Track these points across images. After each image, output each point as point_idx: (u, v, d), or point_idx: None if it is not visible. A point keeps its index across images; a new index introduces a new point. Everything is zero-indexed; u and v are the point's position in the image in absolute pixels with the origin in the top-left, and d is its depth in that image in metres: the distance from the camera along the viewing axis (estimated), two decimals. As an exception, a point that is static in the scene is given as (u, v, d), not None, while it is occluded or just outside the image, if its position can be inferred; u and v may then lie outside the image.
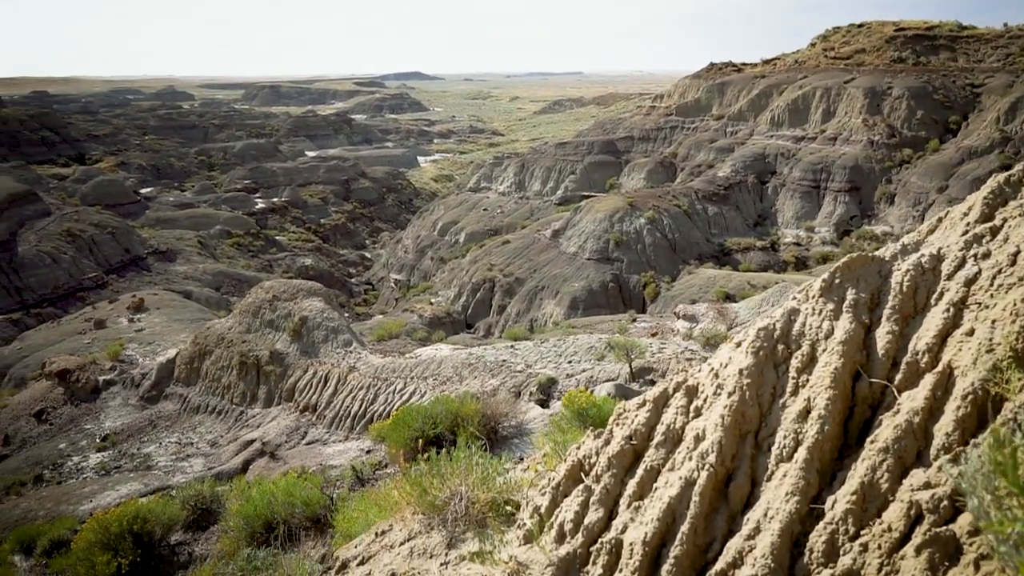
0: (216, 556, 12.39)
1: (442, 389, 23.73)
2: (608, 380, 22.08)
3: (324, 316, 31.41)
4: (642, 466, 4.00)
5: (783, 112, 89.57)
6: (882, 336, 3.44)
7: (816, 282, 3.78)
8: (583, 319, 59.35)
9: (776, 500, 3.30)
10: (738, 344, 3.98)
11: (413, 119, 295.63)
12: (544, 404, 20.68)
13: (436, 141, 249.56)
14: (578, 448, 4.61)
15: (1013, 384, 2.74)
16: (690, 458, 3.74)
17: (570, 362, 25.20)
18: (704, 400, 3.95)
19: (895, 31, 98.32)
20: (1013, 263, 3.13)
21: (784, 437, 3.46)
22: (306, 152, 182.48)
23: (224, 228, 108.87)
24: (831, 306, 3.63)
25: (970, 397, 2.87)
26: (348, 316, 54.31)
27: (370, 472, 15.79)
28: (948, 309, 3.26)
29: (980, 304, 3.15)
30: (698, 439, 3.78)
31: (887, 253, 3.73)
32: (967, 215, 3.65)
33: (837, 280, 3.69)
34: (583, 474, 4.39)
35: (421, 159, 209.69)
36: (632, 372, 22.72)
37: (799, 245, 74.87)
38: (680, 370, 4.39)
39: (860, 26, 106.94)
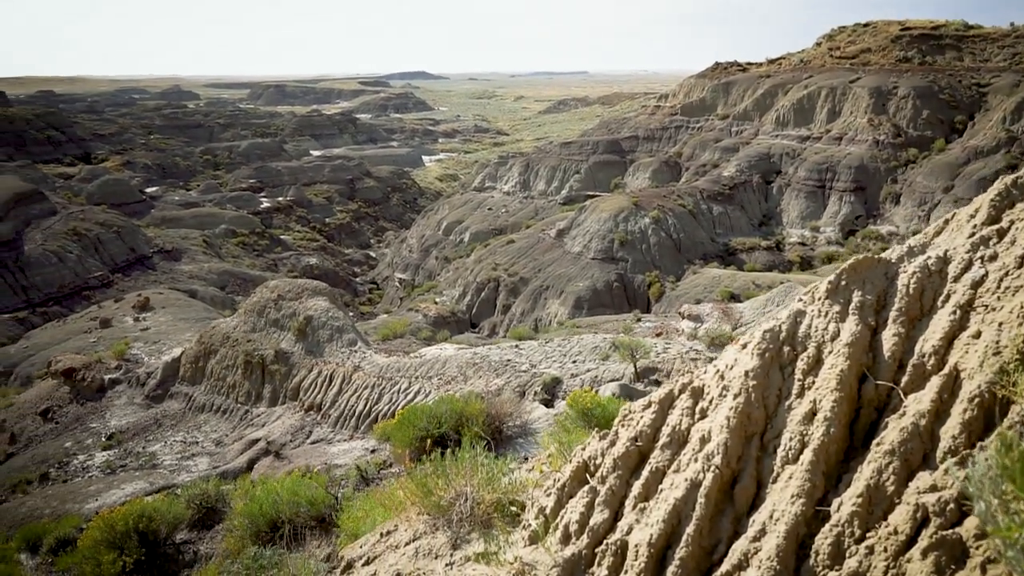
0: (221, 555, 12.42)
1: (447, 389, 23.74)
2: (613, 380, 22.07)
3: (329, 315, 31.44)
4: (647, 467, 4.00)
5: (788, 112, 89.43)
6: (888, 338, 3.43)
7: (822, 284, 3.77)
8: (587, 319, 59.34)
9: (782, 502, 3.29)
10: (744, 346, 3.98)
11: (418, 118, 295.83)
12: (549, 404, 20.68)
13: (441, 140, 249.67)
14: (583, 449, 4.61)
15: (1020, 387, 2.73)
16: (695, 460, 3.74)
17: (575, 362, 25.19)
18: (710, 402, 3.94)
19: (901, 31, 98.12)
20: (1020, 265, 3.12)
21: (790, 439, 3.46)
22: (311, 151, 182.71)
23: (229, 227, 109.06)
24: (837, 308, 3.63)
25: (977, 400, 2.86)
26: (353, 315, 54.36)
27: (375, 471, 15.81)
28: (955, 311, 3.25)
29: (987, 306, 3.14)
30: (704, 441, 3.78)
31: (893, 255, 3.73)
32: (974, 217, 3.64)
33: (843, 282, 3.68)
34: (588, 475, 4.39)
35: (426, 158, 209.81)
36: (637, 372, 22.71)
37: (804, 245, 74.74)
38: (685, 371, 4.38)
39: (866, 26, 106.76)
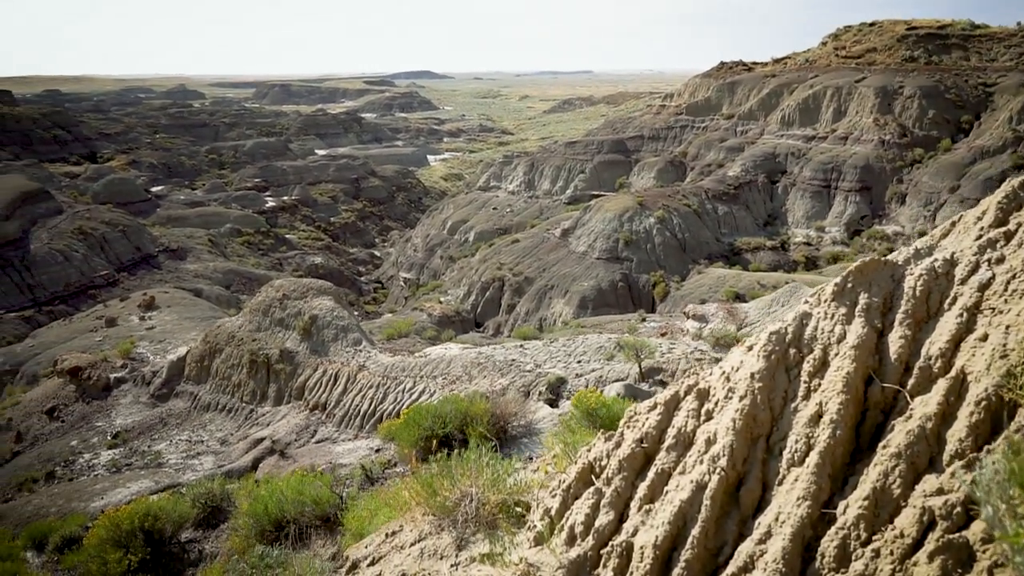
0: (226, 554, 12.45)
1: (451, 388, 23.75)
2: (617, 380, 22.05)
3: (334, 315, 31.47)
4: (653, 469, 4.00)
5: (794, 111, 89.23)
6: (895, 341, 3.43)
7: (828, 286, 3.77)
8: (592, 318, 59.30)
9: (787, 504, 3.29)
10: (750, 348, 3.98)
11: (423, 118, 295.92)
12: (553, 404, 20.67)
13: (446, 140, 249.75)
14: (589, 450, 4.61)
15: (1027, 391, 2.73)
16: (701, 461, 3.74)
17: (579, 362, 25.17)
18: (715, 403, 3.94)
19: (907, 30, 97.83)
20: (1027, 268, 3.12)
21: (796, 441, 3.45)
22: (316, 151, 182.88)
23: (234, 226, 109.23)
24: (843, 310, 3.63)
25: (984, 403, 2.86)
26: (358, 314, 54.41)
27: (379, 471, 15.81)
28: (961, 314, 3.24)
29: (994, 309, 3.13)
30: (709, 442, 3.78)
31: (900, 257, 3.72)
32: (981, 219, 3.64)
33: (849, 284, 3.68)
34: (594, 476, 4.40)
35: (431, 158, 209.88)
36: (642, 372, 22.68)
37: (809, 245, 74.58)
38: (691, 372, 4.39)
39: (871, 25, 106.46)
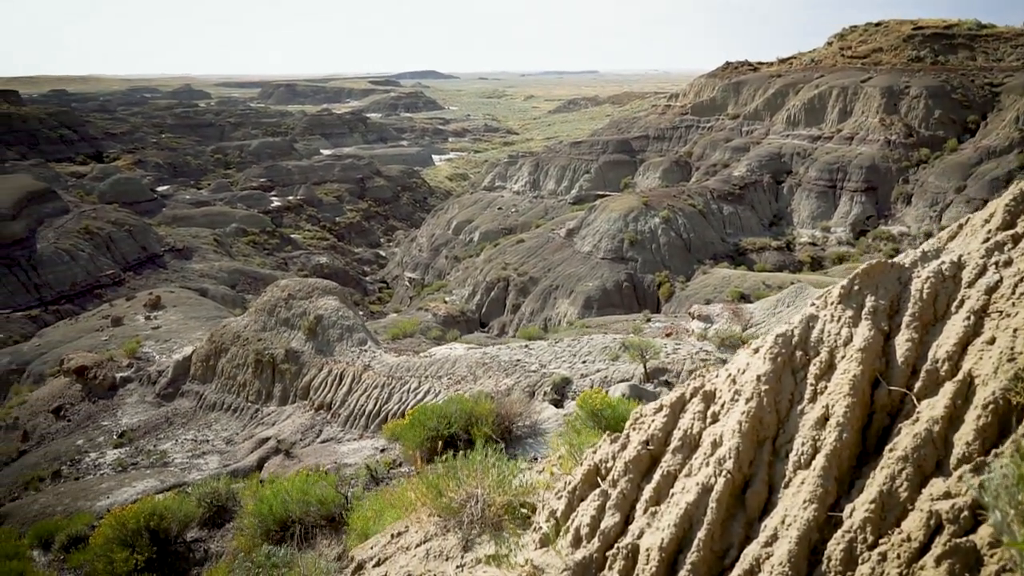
0: (231, 553, 12.48)
1: (456, 388, 23.77)
2: (622, 380, 22.04)
3: (339, 315, 31.51)
4: (659, 471, 4.00)
5: (799, 111, 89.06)
6: (901, 343, 3.42)
7: (835, 289, 3.76)
8: (597, 319, 59.27)
9: (794, 507, 3.29)
10: (756, 350, 3.98)
11: (428, 118, 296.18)
12: (558, 404, 20.67)
13: (451, 140, 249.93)
14: (594, 452, 4.61)
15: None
16: (707, 464, 3.74)
17: (584, 362, 25.18)
18: (721, 406, 3.94)
19: (913, 30, 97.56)
20: (1035, 271, 3.11)
21: (802, 444, 3.45)
22: (321, 150, 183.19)
23: (240, 226, 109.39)
24: (850, 313, 3.62)
25: (991, 407, 2.85)
26: (363, 314, 54.47)
27: (384, 471, 15.83)
28: (968, 317, 3.24)
29: (1001, 312, 3.13)
30: (715, 445, 3.78)
31: (907, 260, 3.71)
32: (988, 222, 3.63)
33: (856, 287, 3.67)
34: (599, 478, 4.39)
35: (436, 158, 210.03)
36: (647, 373, 22.68)
37: (815, 245, 74.43)
38: (697, 374, 4.39)
39: (877, 25, 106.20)
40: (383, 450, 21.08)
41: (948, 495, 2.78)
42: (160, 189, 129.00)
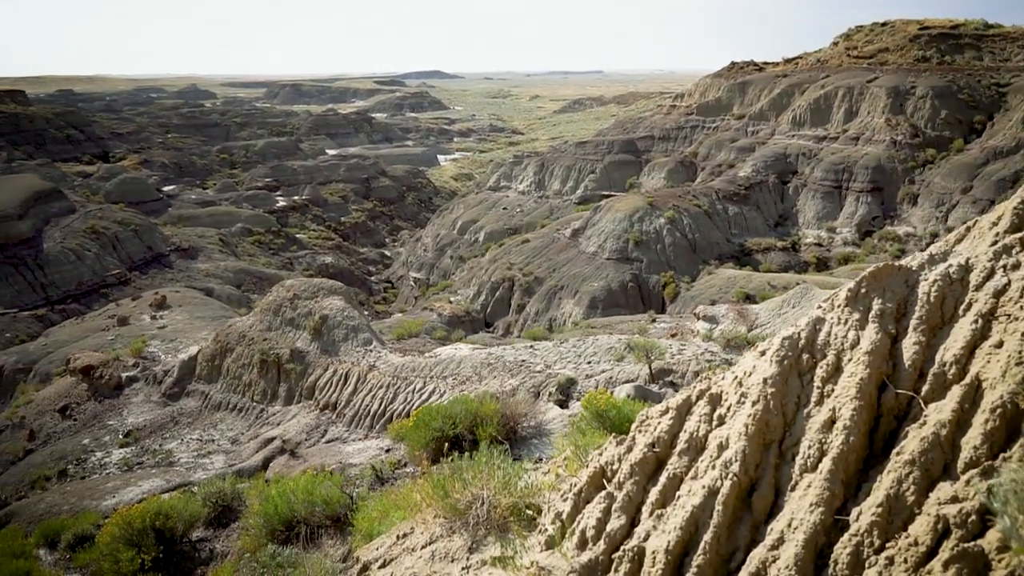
0: (237, 553, 12.51)
1: (461, 389, 23.78)
2: (627, 381, 22.03)
3: (344, 315, 31.55)
4: (665, 474, 3.99)
5: (805, 112, 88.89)
6: (908, 347, 3.41)
7: (842, 291, 3.75)
8: (602, 319, 59.24)
9: (800, 510, 3.28)
10: (762, 353, 3.97)
11: (433, 118, 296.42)
12: (563, 404, 20.67)
13: (456, 140, 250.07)
14: (600, 454, 4.61)
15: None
16: (713, 466, 3.73)
17: (589, 363, 25.17)
18: (727, 408, 3.93)
19: (919, 30, 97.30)
20: (1043, 275, 3.10)
21: (809, 447, 3.45)
22: (327, 150, 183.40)
23: (245, 226, 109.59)
24: (857, 316, 3.61)
25: (999, 411, 2.84)
26: (368, 314, 54.51)
27: (389, 471, 15.85)
28: (976, 320, 3.23)
29: (1009, 316, 3.12)
30: (721, 448, 3.77)
31: (914, 263, 3.70)
32: (996, 225, 3.61)
33: (863, 290, 3.66)
34: (605, 480, 4.39)
35: (441, 158, 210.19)
36: (652, 373, 22.66)
37: (820, 246, 74.28)
38: (703, 376, 4.39)
39: (883, 25, 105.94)
40: (388, 450, 21.10)
41: (956, 499, 2.78)
42: (166, 189, 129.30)
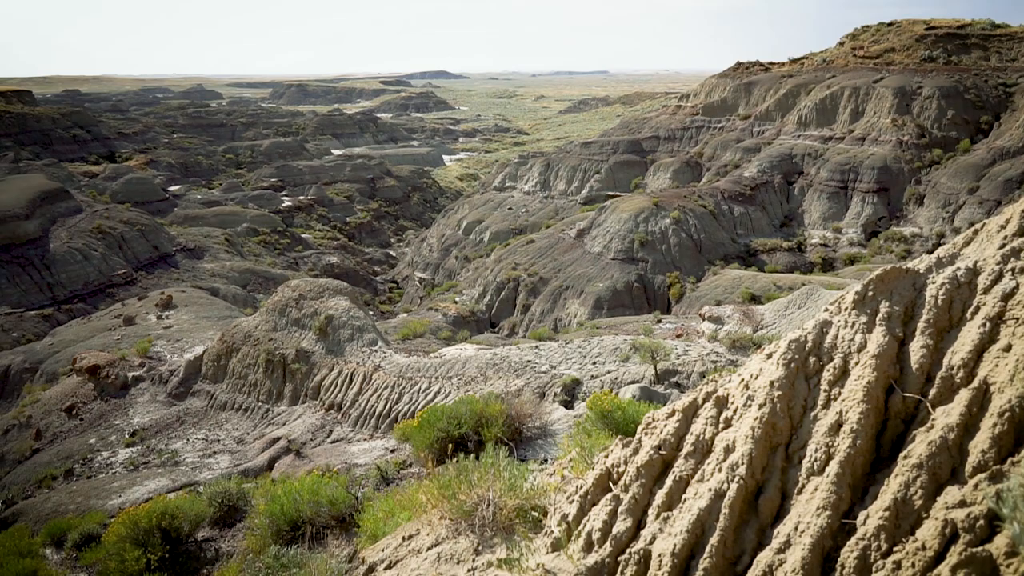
0: (242, 553, 12.53)
1: (467, 389, 23.78)
2: (633, 382, 22.00)
3: (350, 315, 31.58)
4: (671, 476, 3.99)
5: (811, 112, 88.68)
6: (916, 350, 3.40)
7: (849, 294, 3.74)
8: (607, 319, 59.20)
9: (807, 514, 3.28)
10: (769, 355, 3.96)
11: (438, 118, 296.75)
12: (568, 405, 20.66)
13: (461, 140, 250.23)
14: (606, 456, 4.60)
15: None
16: (720, 469, 3.73)
17: (595, 363, 25.15)
18: (734, 411, 3.93)
19: (926, 30, 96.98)
20: (1052, 278, 3.09)
21: (816, 450, 3.44)
22: (332, 150, 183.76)
23: (251, 226, 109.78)
24: (864, 319, 3.60)
25: (1007, 415, 2.83)
26: (373, 314, 54.54)
27: (395, 472, 15.86)
28: (984, 324, 3.22)
29: (1018, 319, 3.11)
30: (728, 450, 3.77)
31: (922, 266, 3.69)
32: (1004, 228, 3.60)
33: (870, 293, 3.65)
34: (611, 483, 4.39)
35: (446, 158, 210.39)
36: (657, 374, 22.63)
37: (826, 246, 74.10)
38: (710, 380, 4.36)
39: (890, 25, 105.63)
40: (393, 450, 21.12)
41: (963, 503, 2.77)
42: (172, 189, 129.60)
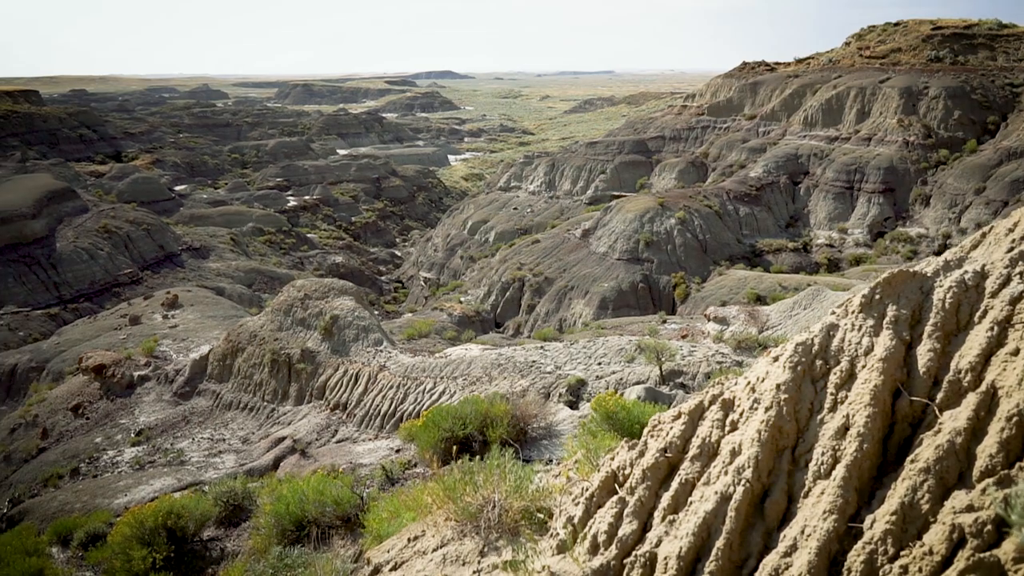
0: (248, 553, 12.55)
1: (472, 389, 23.79)
2: (638, 383, 21.98)
3: (355, 315, 31.61)
4: (677, 479, 3.98)
5: (816, 112, 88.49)
6: (923, 353, 3.39)
7: (856, 297, 3.73)
8: (612, 320, 59.16)
9: (813, 518, 3.27)
10: (775, 358, 3.95)
11: (444, 118, 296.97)
12: (573, 406, 20.66)
13: (466, 140, 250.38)
14: (612, 459, 4.60)
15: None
16: (726, 472, 3.72)
17: (600, 364, 25.13)
18: (740, 414, 3.92)
19: (932, 30, 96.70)
20: (1060, 282, 3.08)
21: (822, 454, 3.43)
22: (337, 150, 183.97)
23: (256, 225, 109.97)
24: (871, 322, 3.59)
25: (1015, 419, 2.82)
26: (378, 314, 54.60)
27: (400, 472, 15.87)
28: (992, 327, 3.21)
29: (1025, 323, 3.10)
30: (734, 453, 3.76)
31: (929, 269, 3.68)
32: (1012, 231, 3.59)
33: (877, 296, 3.64)
34: (617, 485, 4.39)
35: (451, 158, 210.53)
36: (662, 375, 22.61)
37: (832, 247, 73.93)
38: (716, 382, 4.35)
39: (896, 25, 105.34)
40: (398, 450, 21.13)
41: (971, 508, 2.76)
42: (178, 188, 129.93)
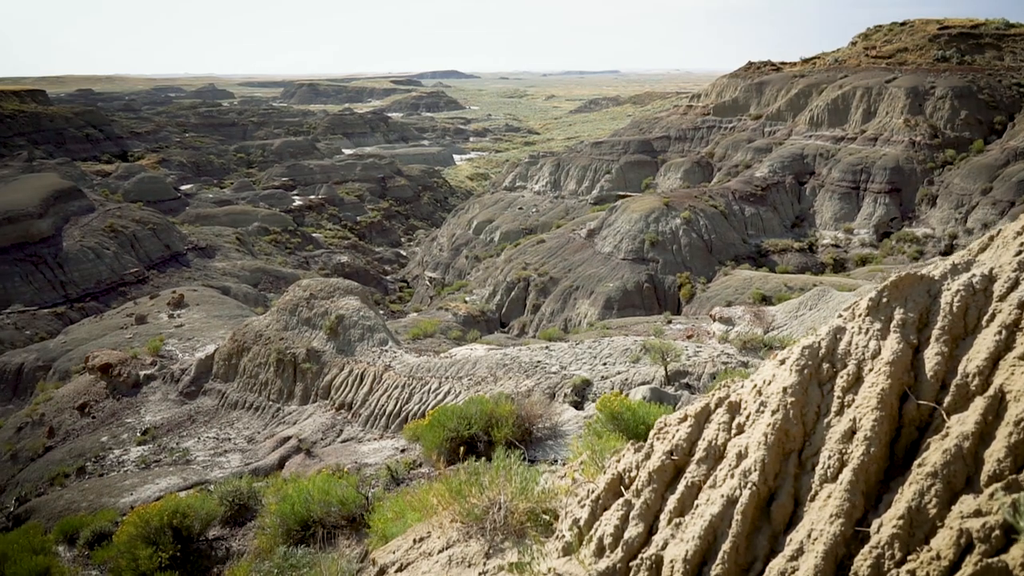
0: (253, 552, 12.57)
1: (477, 389, 23.80)
2: (643, 383, 21.96)
3: (360, 315, 31.65)
4: (683, 482, 3.98)
5: (822, 112, 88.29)
6: (931, 357, 3.38)
7: (863, 301, 3.73)
8: (618, 320, 59.11)
9: (820, 521, 3.26)
10: (782, 361, 3.95)
11: (449, 117, 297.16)
12: (578, 406, 20.65)
13: (472, 139, 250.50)
14: (618, 461, 4.60)
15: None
16: (732, 475, 3.72)
17: (605, 364, 25.12)
18: (747, 417, 3.92)
19: (939, 29, 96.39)
20: (1069, 286, 3.07)
21: (829, 457, 3.42)
22: (343, 150, 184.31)
23: (262, 225, 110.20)
24: (878, 325, 3.59)
25: (1023, 424, 2.82)
26: (383, 314, 54.65)
27: (405, 472, 15.87)
28: (1000, 331, 3.20)
29: (1034, 327, 3.09)
30: (740, 456, 3.76)
31: (936, 272, 3.67)
32: (1021, 234, 3.58)
33: (885, 299, 3.63)
34: (623, 487, 4.38)
35: (457, 157, 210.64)
36: (667, 375, 22.58)
37: (837, 247, 73.76)
38: (722, 385, 4.36)
39: (903, 24, 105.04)
40: (403, 450, 21.14)
41: (979, 513, 2.75)
42: (183, 188, 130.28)
